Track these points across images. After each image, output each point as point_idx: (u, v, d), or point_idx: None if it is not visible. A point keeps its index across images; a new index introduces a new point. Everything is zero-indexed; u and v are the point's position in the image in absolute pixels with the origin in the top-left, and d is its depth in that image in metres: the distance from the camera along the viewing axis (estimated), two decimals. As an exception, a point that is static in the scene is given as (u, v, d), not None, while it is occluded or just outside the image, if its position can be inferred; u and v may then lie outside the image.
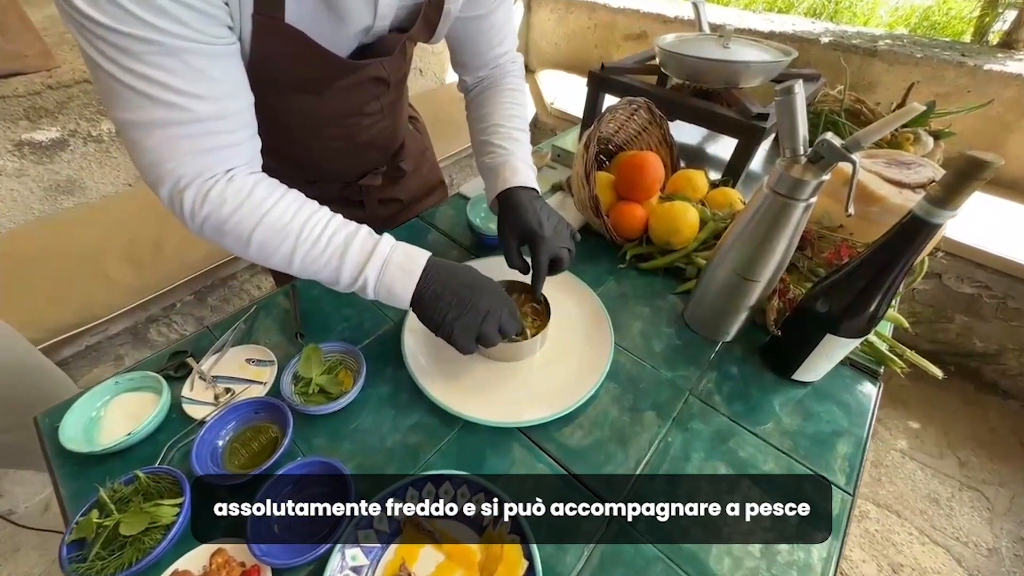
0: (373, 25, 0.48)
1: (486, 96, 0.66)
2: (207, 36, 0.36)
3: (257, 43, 0.42)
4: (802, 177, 0.44)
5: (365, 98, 0.60)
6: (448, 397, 0.52)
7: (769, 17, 1.94)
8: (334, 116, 0.60)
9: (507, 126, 0.62)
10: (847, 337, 0.50)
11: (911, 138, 0.86)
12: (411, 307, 0.47)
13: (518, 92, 0.66)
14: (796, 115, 0.42)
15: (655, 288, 0.69)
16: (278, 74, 0.47)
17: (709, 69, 0.82)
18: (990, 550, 1.14)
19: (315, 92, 0.54)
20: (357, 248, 0.45)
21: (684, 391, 0.56)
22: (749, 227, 0.50)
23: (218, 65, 0.38)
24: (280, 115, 0.55)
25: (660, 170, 0.71)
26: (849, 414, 0.55)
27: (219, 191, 0.41)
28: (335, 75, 0.52)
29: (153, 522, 0.39)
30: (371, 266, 0.45)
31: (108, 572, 0.36)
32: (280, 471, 0.42)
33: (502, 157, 0.60)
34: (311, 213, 0.44)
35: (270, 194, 0.43)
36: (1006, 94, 1.43)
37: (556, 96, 2.11)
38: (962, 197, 0.37)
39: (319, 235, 0.44)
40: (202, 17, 0.35)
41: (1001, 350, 1.43)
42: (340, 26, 0.46)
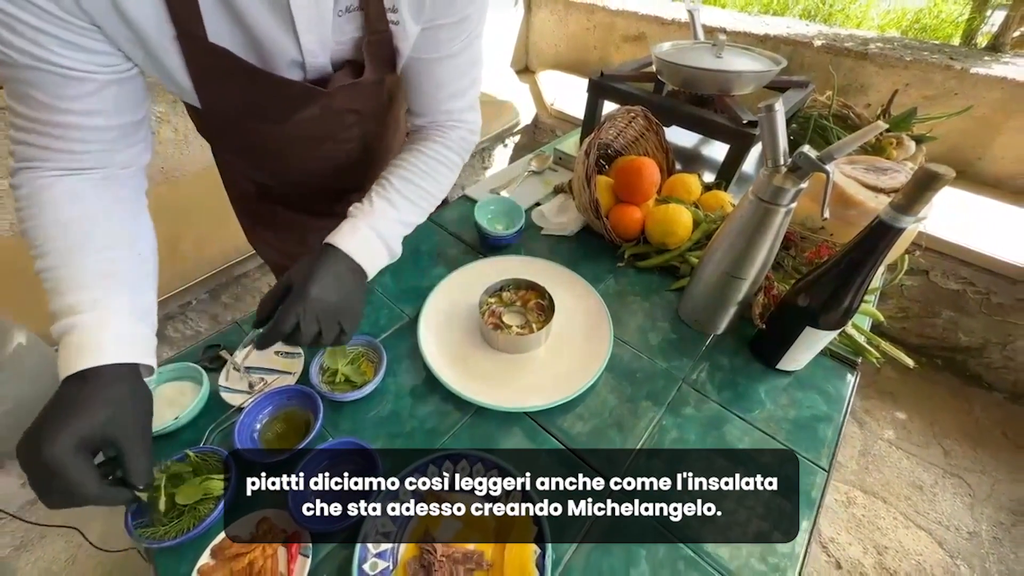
0: (303, 60, 0.47)
1: (410, 150, 0.59)
2: (64, 60, 0.37)
3: (193, 69, 0.43)
4: (782, 185, 0.49)
5: (336, 127, 0.58)
6: (461, 385, 0.57)
7: (764, 20, 1.98)
8: (304, 143, 0.59)
9: (395, 188, 0.55)
10: (825, 329, 0.55)
11: (894, 142, 0.91)
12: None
13: (441, 164, 0.59)
14: (777, 130, 0.47)
15: (652, 285, 0.74)
16: (227, 103, 0.48)
17: (703, 77, 0.87)
18: (970, 533, 1.19)
19: (275, 121, 0.53)
20: (57, 303, 0.39)
21: (678, 380, 0.61)
22: (736, 229, 0.55)
23: (73, 86, 0.39)
24: (253, 141, 0.57)
25: (656, 174, 0.76)
26: (828, 400, 0.60)
27: (28, 180, 0.41)
28: (283, 103, 0.50)
29: (206, 494, 0.44)
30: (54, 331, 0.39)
31: (170, 536, 0.41)
32: (315, 449, 0.47)
33: (360, 212, 0.53)
34: (51, 252, 0.40)
35: (60, 199, 0.41)
36: (992, 96, 1.48)
37: (556, 97, 2.15)
38: (921, 205, 0.42)
39: (46, 279, 0.40)
40: (74, 50, 0.37)
41: (985, 344, 1.49)
42: (264, 56, 0.45)
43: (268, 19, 0.42)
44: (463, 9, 0.50)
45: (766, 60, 0.92)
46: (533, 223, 0.85)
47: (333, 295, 0.48)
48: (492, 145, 2.12)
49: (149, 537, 0.41)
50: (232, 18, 0.41)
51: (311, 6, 0.42)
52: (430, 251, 0.80)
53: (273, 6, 0.42)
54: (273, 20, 0.43)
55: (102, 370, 0.37)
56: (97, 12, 0.36)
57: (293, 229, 0.77)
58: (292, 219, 0.76)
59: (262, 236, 0.81)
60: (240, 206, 0.79)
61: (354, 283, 0.51)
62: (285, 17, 0.42)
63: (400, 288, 0.72)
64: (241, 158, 0.68)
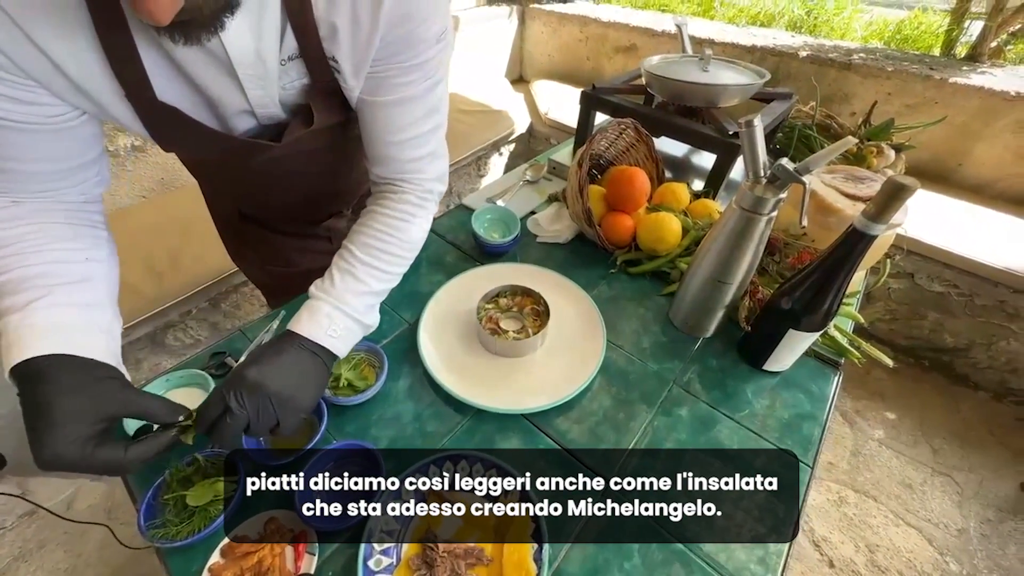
0: (253, 110, 0.47)
1: (376, 209, 0.55)
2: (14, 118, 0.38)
3: (146, 122, 0.43)
4: (763, 195, 0.52)
5: (302, 163, 0.58)
6: (460, 388, 0.59)
7: (752, 31, 2.04)
8: (272, 178, 0.59)
9: (367, 262, 0.52)
10: (807, 331, 0.57)
11: (874, 151, 0.95)
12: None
13: (405, 229, 0.54)
14: (756, 144, 0.50)
15: (643, 290, 0.77)
16: (189, 150, 0.49)
17: (690, 90, 0.90)
18: (959, 530, 1.22)
19: (239, 162, 0.53)
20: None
21: (669, 382, 0.63)
22: (721, 237, 0.58)
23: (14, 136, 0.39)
24: (226, 175, 0.59)
25: (646, 184, 0.79)
26: (812, 400, 0.63)
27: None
28: (240, 152, 0.50)
29: (215, 496, 0.45)
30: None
31: (181, 536, 0.43)
32: (321, 450, 0.49)
33: (320, 291, 0.51)
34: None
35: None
36: (971, 105, 1.53)
37: (550, 106, 2.19)
38: (890, 213, 0.45)
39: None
40: (15, 104, 0.37)
41: (970, 344, 1.53)
42: (215, 107, 0.46)
43: (214, 76, 0.43)
44: (419, 54, 0.48)
45: (751, 73, 0.96)
46: (528, 231, 0.88)
47: (276, 382, 0.43)
48: (488, 153, 2.15)
49: (162, 537, 0.43)
50: (178, 76, 0.42)
51: (255, 63, 0.43)
52: (429, 259, 0.83)
53: (217, 65, 0.42)
54: (219, 77, 0.43)
55: (38, 361, 0.36)
56: (41, 75, 0.37)
57: (275, 249, 0.78)
58: (273, 239, 0.77)
59: (245, 256, 0.82)
60: (223, 227, 0.81)
61: (310, 370, 0.47)
62: (230, 73, 0.43)
63: (400, 295, 0.74)
64: (218, 187, 0.70)
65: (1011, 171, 1.56)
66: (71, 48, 0.36)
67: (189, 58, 0.41)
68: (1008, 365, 1.49)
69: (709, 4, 2.33)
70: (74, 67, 0.37)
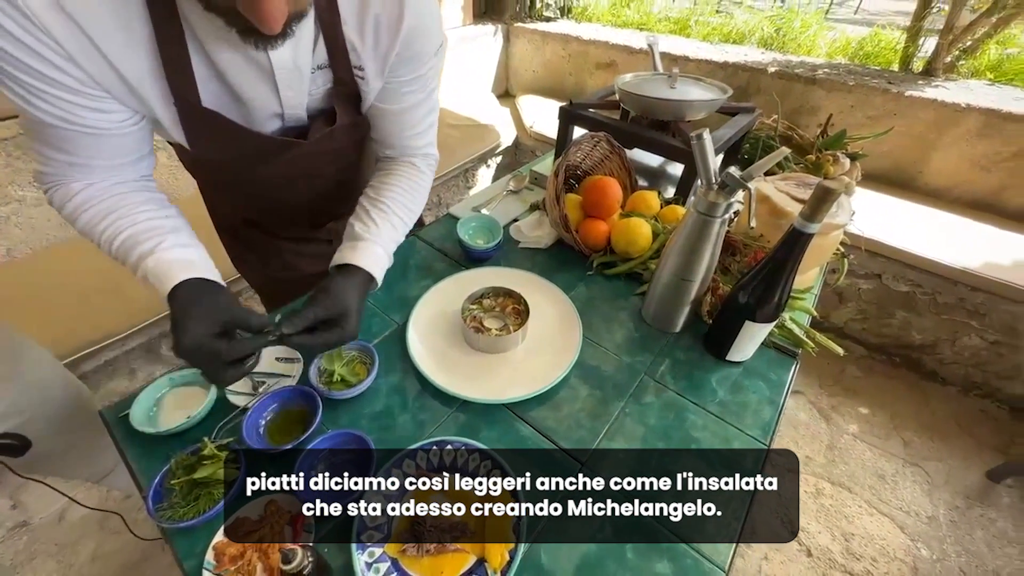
0: (283, 111, 0.56)
1: (391, 173, 0.68)
2: (83, 120, 0.46)
3: (187, 126, 0.52)
4: (716, 200, 0.58)
5: (319, 163, 0.66)
6: (447, 382, 0.63)
7: (724, 48, 2.15)
8: (285, 181, 0.66)
9: (392, 209, 0.65)
10: (762, 322, 0.63)
11: (831, 159, 1.02)
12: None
13: (419, 187, 0.69)
14: (707, 155, 0.56)
15: (618, 290, 0.83)
16: (220, 148, 0.56)
17: (659, 106, 0.97)
18: (929, 518, 1.28)
19: (262, 163, 0.61)
20: (131, 264, 0.51)
21: (640, 373, 0.69)
22: (682, 239, 0.64)
23: (86, 140, 0.48)
24: (237, 179, 0.66)
25: (619, 192, 0.85)
26: (771, 386, 0.68)
27: (61, 198, 0.52)
28: (265, 148, 0.58)
29: (219, 477, 0.49)
30: (138, 278, 0.51)
31: (188, 517, 0.47)
32: (317, 440, 0.53)
33: (369, 232, 0.62)
34: (105, 228, 0.51)
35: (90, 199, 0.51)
36: (926, 116, 1.64)
37: (535, 120, 2.27)
38: (821, 213, 0.51)
39: (109, 248, 0.52)
40: (86, 109, 0.46)
41: (936, 341, 1.61)
42: (251, 111, 0.54)
43: (253, 83, 0.51)
44: (420, 69, 0.59)
45: (715, 89, 1.03)
46: (511, 237, 0.93)
47: (352, 304, 0.56)
48: (476, 166, 2.22)
49: (169, 519, 0.47)
50: (221, 83, 0.50)
51: (291, 70, 0.52)
52: (417, 264, 0.88)
53: (259, 71, 0.50)
54: (258, 83, 0.51)
55: (184, 284, 0.49)
56: (111, 86, 0.46)
57: (277, 253, 0.83)
58: (275, 244, 0.82)
59: (246, 260, 0.87)
60: (225, 233, 0.85)
61: (366, 295, 0.61)
62: (269, 79, 0.51)
63: (390, 298, 0.79)
64: (226, 193, 0.76)
65: (966, 178, 1.66)
66: (133, 58, 0.45)
67: (233, 67, 0.49)
68: (971, 360, 1.57)
69: (685, 23, 2.44)
70: (134, 75, 0.45)
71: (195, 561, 0.47)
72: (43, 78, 0.42)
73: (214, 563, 0.46)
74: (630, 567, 0.49)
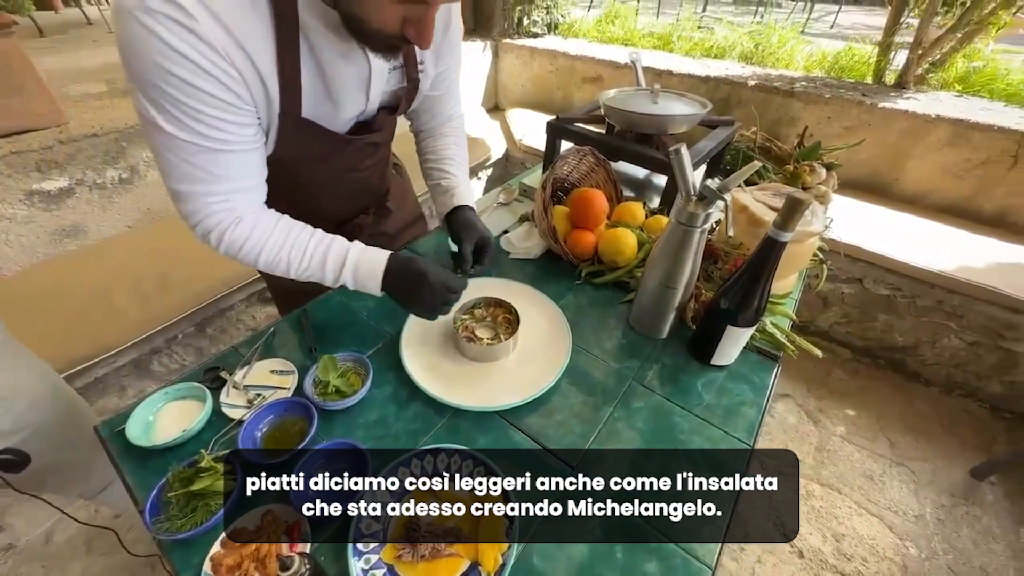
0: (365, 110, 0.64)
1: (439, 138, 0.84)
2: (239, 139, 0.51)
3: (281, 132, 0.57)
4: (695, 211, 0.61)
5: (361, 158, 0.76)
6: (440, 391, 0.65)
7: (706, 63, 2.22)
8: (337, 174, 0.75)
9: (456, 160, 0.82)
10: (743, 327, 0.66)
11: (807, 169, 1.07)
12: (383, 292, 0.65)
13: (462, 142, 0.86)
14: (685, 168, 0.59)
15: (606, 299, 0.85)
16: (296, 151, 0.63)
17: (642, 120, 1.01)
18: (916, 516, 1.30)
19: (324, 160, 0.69)
20: (332, 263, 0.61)
21: (628, 378, 0.71)
22: (664, 248, 0.66)
23: (239, 159, 0.53)
24: (299, 177, 0.71)
25: (605, 203, 0.88)
26: (755, 389, 0.70)
27: (230, 233, 0.57)
28: (338, 147, 0.68)
29: (217, 488, 0.50)
30: (345, 273, 0.62)
31: (185, 528, 0.47)
32: (312, 449, 0.54)
33: (454, 182, 0.80)
34: (295, 239, 0.60)
35: (266, 230, 0.59)
36: (899, 126, 1.71)
37: (524, 133, 2.32)
38: (793, 223, 0.54)
39: (301, 258, 0.60)
40: (239, 127, 0.50)
41: (917, 343, 1.65)
42: (339, 112, 0.61)
43: (351, 88, 0.58)
44: (456, 50, 0.72)
45: (696, 104, 1.07)
46: (502, 248, 0.96)
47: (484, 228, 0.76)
48: (466, 178, 2.26)
49: (166, 531, 0.47)
50: (323, 91, 0.56)
51: (381, 71, 0.60)
52: (409, 277, 0.89)
53: (357, 77, 0.58)
54: (354, 88, 0.59)
55: (394, 255, 0.64)
56: (259, 99, 0.51)
57: None
58: None
59: None
60: None
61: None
62: (363, 84, 0.59)
63: (382, 311, 0.81)
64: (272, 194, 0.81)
65: (939, 185, 1.73)
66: (270, 69, 0.49)
67: (339, 75, 0.55)
68: (952, 360, 1.61)
69: (668, 39, 2.52)
70: (272, 85, 0.51)
71: (192, 573, 0.47)
72: (213, 101, 0.45)
73: (212, 574, 0.46)
74: (620, 567, 0.50)
